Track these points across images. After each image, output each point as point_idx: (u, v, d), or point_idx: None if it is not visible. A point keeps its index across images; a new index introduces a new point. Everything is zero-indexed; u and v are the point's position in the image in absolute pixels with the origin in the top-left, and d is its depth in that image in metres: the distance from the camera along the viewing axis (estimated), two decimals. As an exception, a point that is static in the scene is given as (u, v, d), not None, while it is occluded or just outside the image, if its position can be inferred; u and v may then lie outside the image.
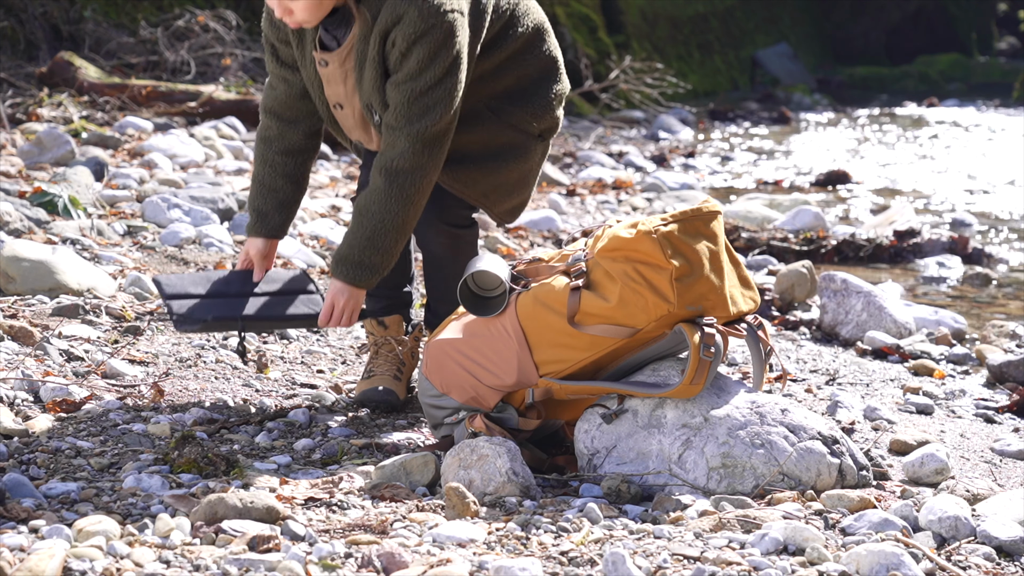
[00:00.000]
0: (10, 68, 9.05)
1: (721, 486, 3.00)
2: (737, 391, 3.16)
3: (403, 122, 3.31)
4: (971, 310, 5.88)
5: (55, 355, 3.75)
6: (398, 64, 3.30)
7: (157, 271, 4.99)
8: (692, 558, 2.56)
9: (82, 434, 3.22)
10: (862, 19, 24.48)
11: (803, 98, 18.24)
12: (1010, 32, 27.59)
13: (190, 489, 2.83)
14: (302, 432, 3.41)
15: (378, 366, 3.73)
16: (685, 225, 3.11)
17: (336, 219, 6.52)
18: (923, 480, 3.24)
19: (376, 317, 3.73)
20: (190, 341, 4.13)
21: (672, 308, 3.03)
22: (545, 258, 3.27)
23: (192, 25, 10.37)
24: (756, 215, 7.90)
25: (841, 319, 5.11)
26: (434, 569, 2.40)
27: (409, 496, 2.91)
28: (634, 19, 17.53)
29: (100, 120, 8.29)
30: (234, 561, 2.39)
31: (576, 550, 2.57)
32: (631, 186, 9.16)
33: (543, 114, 3.57)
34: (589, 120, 13.08)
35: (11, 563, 2.32)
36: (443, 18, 3.25)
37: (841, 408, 3.87)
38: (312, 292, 3.71)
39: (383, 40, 3.30)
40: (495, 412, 3.20)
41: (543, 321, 3.11)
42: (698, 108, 15.43)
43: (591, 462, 3.12)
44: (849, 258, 7.01)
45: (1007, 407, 4.09)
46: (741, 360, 4.46)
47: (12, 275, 4.37)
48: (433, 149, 3.33)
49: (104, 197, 6.06)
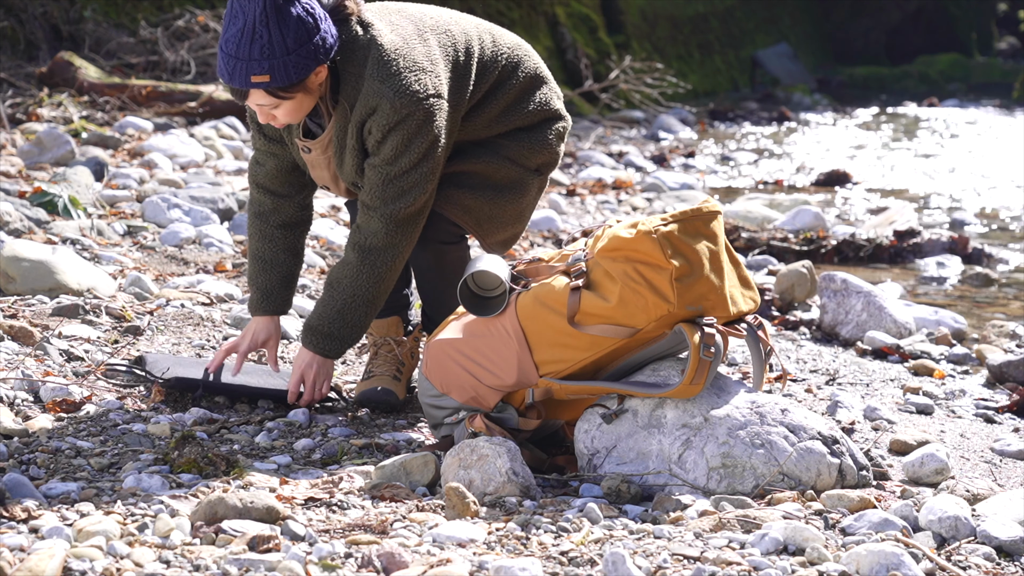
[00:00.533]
0: (10, 68, 9.05)
1: (721, 486, 3.00)
2: (737, 391, 3.16)
3: (378, 203, 3.34)
4: (971, 310, 5.88)
5: (55, 355, 3.75)
6: (375, 149, 3.33)
7: (157, 271, 5.00)
8: (692, 558, 2.56)
9: (82, 434, 3.22)
10: (862, 19, 24.49)
11: (803, 98, 18.25)
12: (1010, 32, 27.60)
13: (190, 489, 2.83)
14: (302, 432, 3.41)
15: (377, 366, 3.73)
16: (685, 225, 3.11)
17: (336, 219, 6.53)
18: (923, 480, 3.24)
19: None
20: (190, 341, 4.13)
21: (672, 308, 3.03)
22: (545, 258, 3.26)
23: (192, 25, 10.37)
24: (756, 215, 7.90)
25: (841, 319, 5.11)
26: (434, 569, 2.40)
27: (409, 496, 2.91)
28: (634, 19, 17.54)
29: (100, 120, 8.29)
30: (234, 561, 2.39)
31: (576, 550, 2.57)
32: (631, 186, 9.16)
33: (541, 149, 3.58)
34: (589, 120, 13.09)
35: (11, 563, 2.32)
36: (418, 107, 3.27)
37: (841, 408, 3.87)
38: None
39: (360, 129, 3.33)
40: (495, 412, 3.20)
41: (543, 321, 3.11)
42: (698, 108, 15.44)
43: (591, 462, 3.12)
44: (849, 258, 7.01)
45: (1007, 407, 4.09)
46: (741, 360, 4.46)
47: (12, 275, 4.37)
48: (407, 229, 3.38)
49: (104, 197, 6.06)
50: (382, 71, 3.27)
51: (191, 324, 4.27)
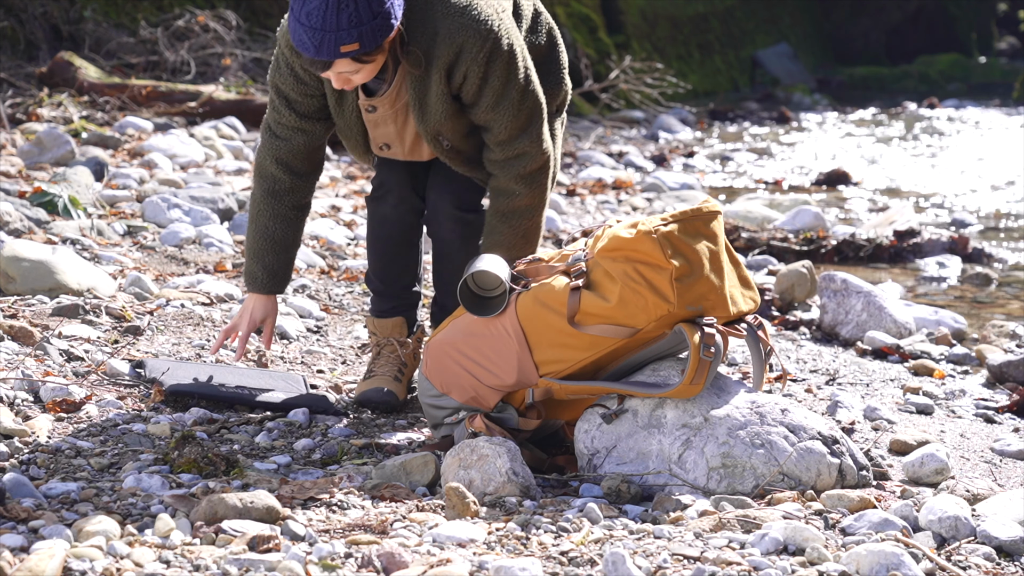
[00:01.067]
0: (10, 68, 9.05)
1: (721, 486, 3.00)
2: (737, 391, 3.16)
3: (518, 133, 3.38)
4: (971, 310, 5.88)
5: (55, 355, 3.75)
6: (478, 90, 3.34)
7: (157, 271, 5.00)
8: (692, 558, 2.56)
9: (82, 434, 3.22)
10: (862, 19, 24.48)
11: (803, 98, 18.25)
12: (1010, 32, 27.60)
13: (190, 489, 2.83)
14: (302, 432, 3.41)
15: (379, 366, 3.73)
16: (685, 225, 3.11)
17: (336, 219, 6.52)
18: (923, 480, 3.24)
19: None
20: (190, 341, 4.13)
21: (672, 308, 3.03)
22: (545, 258, 3.26)
23: (192, 25, 10.37)
24: (756, 215, 7.90)
25: (841, 319, 5.11)
26: (434, 569, 2.40)
27: (409, 496, 2.91)
28: (634, 19, 17.53)
29: (100, 120, 8.29)
30: (234, 561, 2.39)
31: (576, 550, 2.57)
32: (631, 186, 9.16)
33: (557, 89, 3.65)
34: (589, 120, 13.09)
35: (11, 563, 2.32)
36: (501, 29, 3.32)
37: (841, 408, 3.87)
38: (300, 389, 3.70)
39: (447, 74, 3.32)
40: (495, 412, 3.20)
41: (543, 321, 3.11)
42: (698, 108, 15.44)
43: (591, 462, 3.12)
44: (849, 258, 7.01)
45: (1007, 407, 4.09)
46: (741, 360, 4.46)
47: (12, 275, 4.37)
48: (553, 143, 3.54)
49: (104, 197, 6.06)
50: (451, 8, 3.29)
51: (191, 324, 4.28)
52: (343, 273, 5.39)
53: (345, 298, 4.99)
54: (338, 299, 4.96)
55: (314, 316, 4.65)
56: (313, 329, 4.52)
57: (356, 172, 8.18)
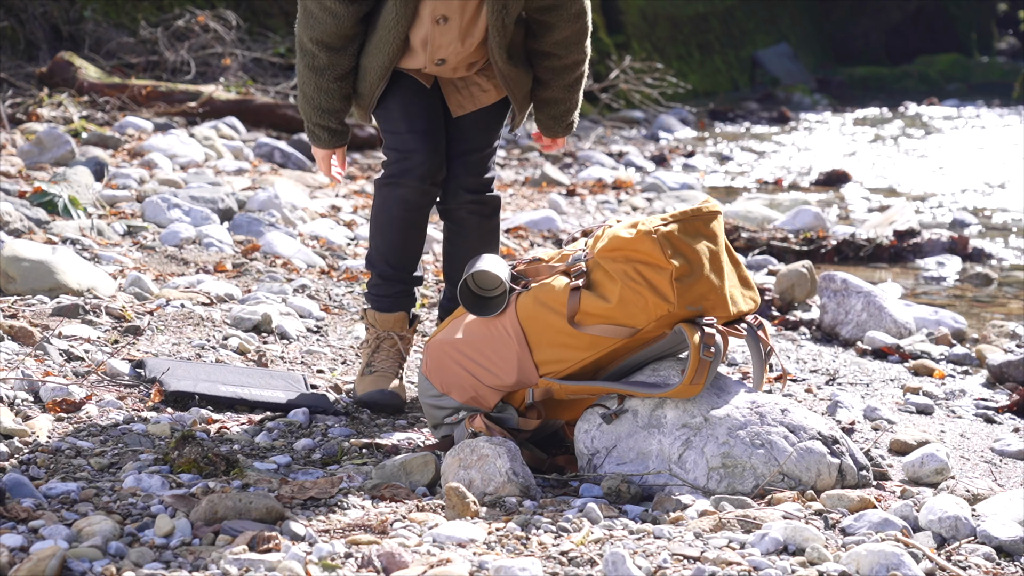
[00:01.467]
0: (10, 68, 9.05)
1: (721, 486, 3.00)
2: (737, 391, 3.16)
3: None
4: (971, 310, 5.88)
5: (55, 355, 3.75)
6: None
7: (157, 271, 5.00)
8: (692, 558, 2.56)
9: (82, 434, 3.22)
10: (862, 19, 24.49)
11: (803, 98, 18.25)
12: (1010, 32, 27.60)
13: (190, 489, 2.83)
14: (302, 432, 3.41)
15: (380, 361, 3.72)
16: (685, 225, 3.11)
17: (336, 219, 6.52)
18: (923, 480, 3.24)
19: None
20: (190, 341, 4.13)
21: (672, 308, 3.03)
22: (545, 258, 3.27)
23: (192, 25, 10.37)
24: (756, 215, 7.90)
25: (841, 319, 5.11)
26: (434, 569, 2.40)
27: (409, 496, 2.91)
28: (634, 19, 17.54)
29: (100, 120, 8.30)
30: (234, 561, 2.39)
31: (576, 550, 2.57)
32: (631, 186, 9.16)
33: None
34: (589, 120, 13.09)
35: (11, 563, 2.32)
36: None
37: (841, 408, 3.87)
38: (300, 389, 3.71)
39: None
40: (495, 412, 3.20)
41: (543, 321, 3.11)
42: (698, 108, 15.44)
43: (591, 462, 3.12)
44: (849, 258, 7.01)
45: (1007, 407, 4.09)
46: (741, 360, 4.46)
47: (12, 275, 4.37)
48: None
49: (104, 197, 6.06)
50: None
51: (191, 324, 4.28)
52: (343, 273, 5.39)
53: (345, 298, 4.99)
54: (338, 299, 4.96)
55: (314, 316, 4.65)
56: (313, 329, 4.52)
57: (356, 172, 8.18)
